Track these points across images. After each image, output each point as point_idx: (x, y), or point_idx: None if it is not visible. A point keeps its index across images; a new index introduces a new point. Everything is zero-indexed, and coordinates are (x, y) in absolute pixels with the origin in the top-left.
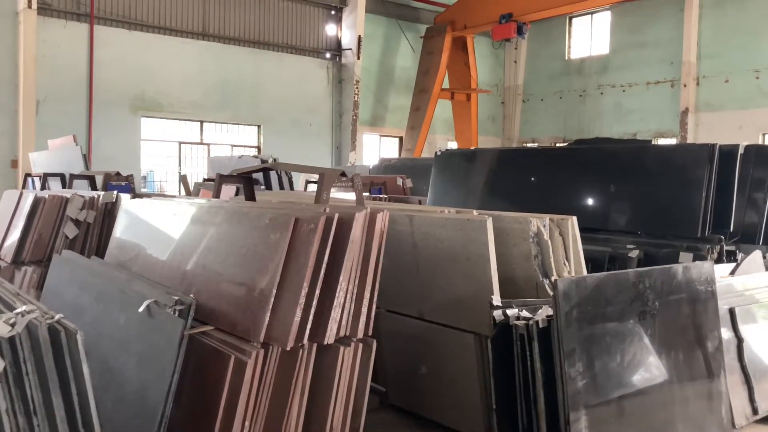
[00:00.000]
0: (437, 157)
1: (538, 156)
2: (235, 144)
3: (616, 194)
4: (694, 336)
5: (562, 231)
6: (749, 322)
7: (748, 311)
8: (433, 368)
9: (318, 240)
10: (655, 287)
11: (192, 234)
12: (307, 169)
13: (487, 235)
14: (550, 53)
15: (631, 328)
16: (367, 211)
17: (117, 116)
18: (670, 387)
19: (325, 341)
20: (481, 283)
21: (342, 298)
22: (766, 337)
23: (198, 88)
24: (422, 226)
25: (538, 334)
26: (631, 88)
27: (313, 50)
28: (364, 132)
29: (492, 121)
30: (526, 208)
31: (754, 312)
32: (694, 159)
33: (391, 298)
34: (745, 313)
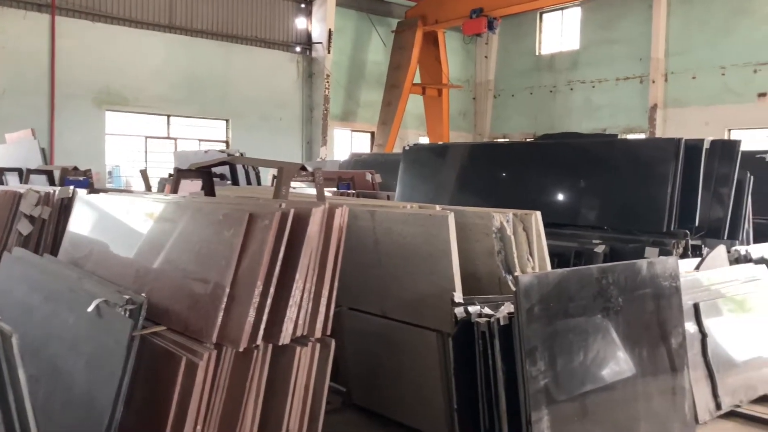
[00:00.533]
0: (406, 152)
1: (505, 151)
2: (203, 138)
3: (582, 189)
4: (658, 332)
5: (526, 226)
6: (713, 317)
7: (712, 306)
8: (395, 367)
9: (272, 236)
10: (619, 283)
11: (146, 230)
12: (266, 163)
13: (449, 231)
14: (521, 49)
15: (595, 324)
16: (326, 206)
17: (80, 110)
18: (633, 384)
19: (281, 341)
20: (443, 280)
21: (298, 297)
22: (730, 331)
23: (164, 82)
24: (384, 221)
25: (499, 332)
26: (600, 83)
27: (282, 44)
28: (336, 127)
29: (463, 116)
30: (492, 202)
31: (719, 307)
32: (659, 153)
33: (354, 295)
34: (710, 308)
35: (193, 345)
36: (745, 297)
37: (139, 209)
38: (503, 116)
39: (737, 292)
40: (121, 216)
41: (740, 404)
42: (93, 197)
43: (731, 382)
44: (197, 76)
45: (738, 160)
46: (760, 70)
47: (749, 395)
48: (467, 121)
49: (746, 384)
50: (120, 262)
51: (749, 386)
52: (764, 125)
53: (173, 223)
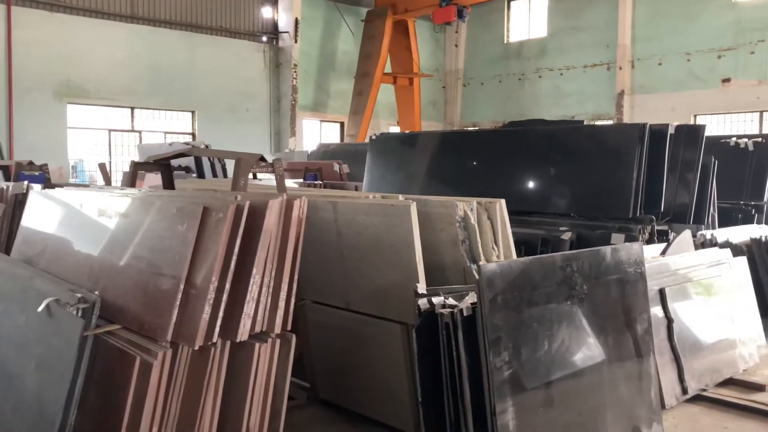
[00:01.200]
0: (372, 141)
1: (472, 139)
2: (169, 131)
3: (549, 176)
4: (624, 318)
5: (491, 215)
6: (679, 302)
7: (678, 291)
8: (360, 360)
9: (227, 230)
10: (583, 270)
11: (100, 225)
12: (224, 154)
13: (411, 221)
14: (490, 37)
15: (559, 312)
16: (283, 198)
17: (40, 103)
18: (599, 371)
19: (238, 338)
20: (407, 271)
21: (256, 292)
22: (696, 316)
23: (127, 74)
24: (346, 212)
25: (462, 323)
26: (568, 71)
27: (248, 33)
28: (305, 117)
29: (433, 105)
30: (460, 191)
31: (684, 291)
32: (624, 139)
33: (317, 288)
34: (675, 293)
35: (148, 344)
36: (710, 281)
37: (93, 204)
38: (473, 105)
39: (703, 276)
40: (75, 212)
41: (706, 388)
42: (47, 192)
43: (697, 366)
44: (161, 68)
45: (702, 145)
46: (724, 56)
47: (715, 379)
48: (437, 110)
49: (712, 367)
50: (75, 259)
51: (715, 370)
52: (729, 110)
53: (127, 218)
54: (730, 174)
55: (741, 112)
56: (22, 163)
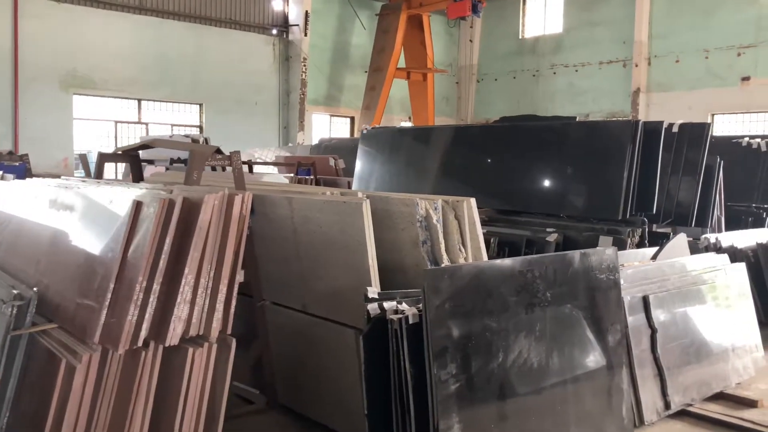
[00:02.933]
0: (363, 135)
1: (461, 135)
2: (176, 123)
3: (538, 174)
4: (593, 329)
5: (458, 214)
6: (665, 311)
7: (664, 299)
8: (316, 366)
9: (156, 226)
10: (547, 277)
11: (48, 219)
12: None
13: (364, 220)
14: (505, 32)
15: (517, 322)
16: (224, 193)
17: (46, 94)
18: (562, 386)
19: (167, 342)
20: (360, 273)
21: (188, 294)
22: (684, 326)
23: (135, 65)
24: (301, 209)
25: (407, 331)
26: (583, 67)
27: (258, 26)
28: (315, 112)
29: (446, 101)
30: (447, 188)
31: (672, 299)
32: (615, 136)
33: (276, 288)
34: (661, 301)
35: (77, 346)
36: (702, 288)
37: (46, 197)
38: (486, 101)
39: (694, 283)
40: (29, 204)
41: (692, 403)
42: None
43: (683, 380)
44: (169, 59)
45: (707, 144)
46: (744, 53)
47: (702, 393)
48: (450, 105)
49: (699, 381)
50: (25, 253)
51: (703, 383)
52: (748, 109)
53: (73, 211)
54: (742, 175)
55: (761, 111)
56: (2, 153)
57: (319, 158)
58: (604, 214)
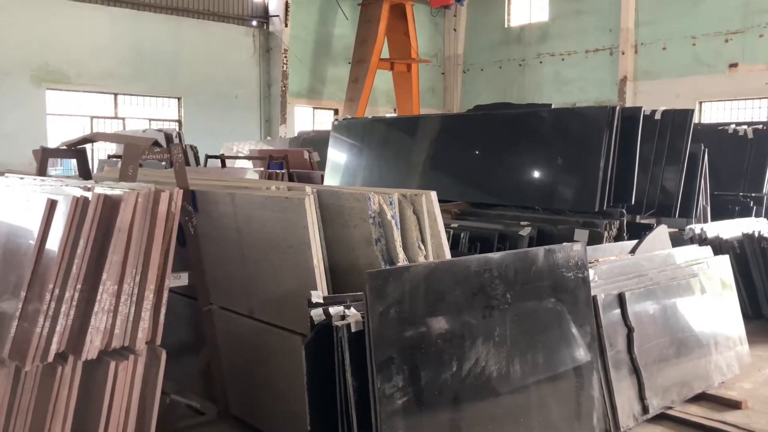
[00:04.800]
0: (334, 127)
1: (433, 124)
2: (154, 118)
3: (512, 165)
4: (559, 331)
5: (417, 209)
6: (643, 308)
7: (642, 295)
8: (264, 375)
9: (69, 227)
10: (506, 276)
11: None
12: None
13: (307, 217)
14: (490, 21)
15: (473, 327)
16: (150, 189)
17: (16, 88)
18: (526, 395)
19: (83, 356)
20: (305, 275)
21: (107, 302)
22: (663, 323)
23: (110, 58)
24: (245, 206)
25: (350, 340)
26: (570, 56)
27: (237, 17)
28: (297, 104)
29: (432, 92)
30: (418, 180)
31: (650, 295)
32: (591, 123)
33: (222, 292)
34: (639, 298)
35: None
36: (682, 283)
37: None
38: (473, 91)
39: (674, 278)
40: None
41: (672, 405)
42: None
43: (662, 381)
44: (145, 53)
45: (690, 131)
46: (732, 39)
47: (684, 394)
48: (437, 96)
49: (680, 381)
50: None
51: (683, 383)
52: (736, 97)
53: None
54: (729, 163)
55: (749, 98)
56: None
57: (292, 151)
58: (580, 206)
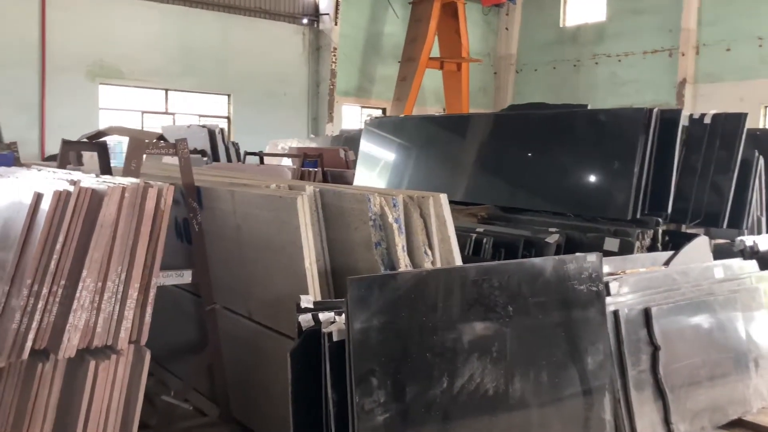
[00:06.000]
0: (366, 126)
1: (463, 125)
2: (203, 114)
3: (543, 168)
4: (567, 349)
5: (424, 212)
6: (672, 326)
7: (672, 311)
8: (262, 379)
9: (49, 221)
10: (509, 287)
11: None
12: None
13: (299, 218)
14: (544, 20)
15: (468, 341)
16: (138, 184)
17: (72, 83)
18: (525, 417)
19: (61, 354)
20: (298, 278)
21: (87, 300)
22: (696, 342)
23: (161, 54)
24: (243, 204)
25: (330, 350)
26: (627, 57)
27: (287, 15)
28: (345, 103)
29: (483, 92)
30: (443, 182)
31: (681, 312)
32: (626, 126)
33: (223, 292)
34: (668, 314)
35: None
36: (720, 299)
37: None
38: (525, 92)
39: (711, 293)
40: None
41: (702, 431)
42: None
43: (692, 405)
44: (196, 49)
45: (742, 137)
46: None
47: (716, 420)
48: (487, 97)
49: (713, 406)
50: None
51: (716, 408)
52: None
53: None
54: None
55: None
56: None
57: (327, 150)
58: (612, 213)
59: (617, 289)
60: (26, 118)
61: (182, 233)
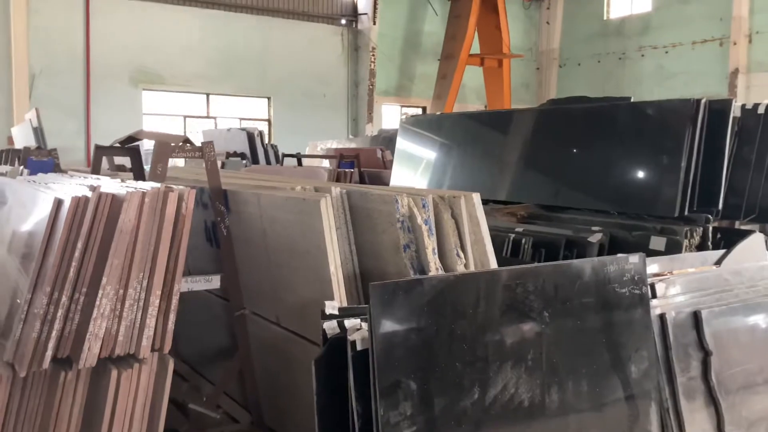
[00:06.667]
0: (402, 124)
1: (500, 120)
2: (244, 117)
3: (585, 164)
4: (608, 357)
5: (455, 213)
6: (725, 329)
7: (724, 314)
8: (291, 386)
9: (66, 227)
10: (544, 291)
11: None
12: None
13: (323, 221)
14: (587, 13)
15: (501, 349)
16: (159, 189)
17: (116, 89)
18: (563, 428)
19: (81, 364)
20: (323, 283)
21: (107, 308)
22: (750, 348)
23: (202, 59)
24: (268, 207)
25: (354, 359)
26: (674, 48)
27: (326, 16)
28: (385, 103)
29: (526, 88)
30: (480, 180)
31: (736, 315)
32: (672, 118)
33: (252, 297)
34: (720, 317)
35: None
36: None
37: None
38: (569, 87)
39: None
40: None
41: None
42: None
43: (748, 414)
44: (236, 53)
45: None
46: None
47: None
48: (530, 92)
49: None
50: None
51: None
52: None
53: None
54: None
55: None
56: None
57: (364, 150)
58: (658, 210)
59: (664, 291)
60: (74, 125)
61: (212, 237)
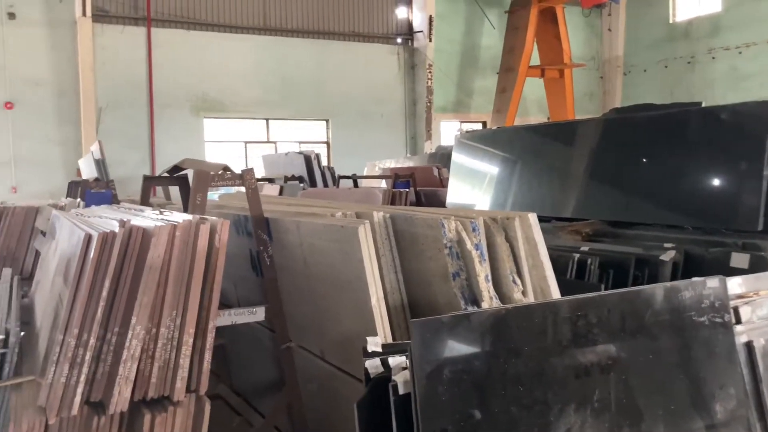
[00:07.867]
0: (457, 140)
1: (562, 133)
2: (303, 140)
3: (653, 176)
4: (689, 396)
5: (510, 235)
6: None
7: None
8: (338, 423)
9: (93, 267)
10: (610, 323)
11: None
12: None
13: (362, 249)
14: (651, 17)
15: (562, 390)
16: (190, 221)
17: (178, 118)
18: None
19: (112, 409)
20: (365, 317)
21: (137, 348)
22: None
23: (260, 85)
24: (308, 236)
25: (396, 404)
26: (748, 48)
27: (381, 36)
28: (443, 119)
29: (590, 97)
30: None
31: None
32: (751, 123)
33: (297, 329)
34: None
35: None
36: None
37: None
38: (635, 94)
39: None
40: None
41: None
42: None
43: None
44: (293, 77)
45: None
46: None
47: None
48: (594, 102)
49: None
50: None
51: None
52: None
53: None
54: None
55: None
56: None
57: (420, 168)
58: (738, 224)
59: (750, 315)
60: (138, 155)
61: (257, 267)
